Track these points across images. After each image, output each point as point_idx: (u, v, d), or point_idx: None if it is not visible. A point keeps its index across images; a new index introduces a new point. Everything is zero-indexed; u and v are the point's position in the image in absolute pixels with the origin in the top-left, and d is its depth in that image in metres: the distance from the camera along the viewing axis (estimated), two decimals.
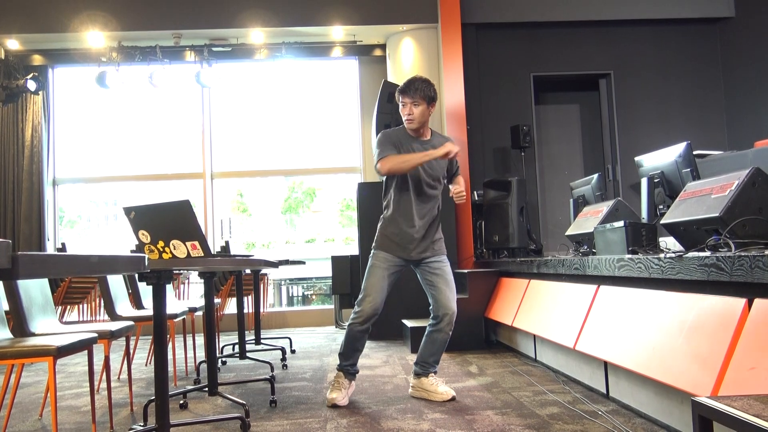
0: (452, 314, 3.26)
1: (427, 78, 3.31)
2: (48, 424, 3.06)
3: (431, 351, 3.31)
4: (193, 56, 7.04)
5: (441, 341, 3.30)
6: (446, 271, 3.33)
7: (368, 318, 3.22)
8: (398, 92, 3.28)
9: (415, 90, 3.21)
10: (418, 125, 3.26)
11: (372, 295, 3.23)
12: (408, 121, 3.25)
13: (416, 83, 3.23)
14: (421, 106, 3.22)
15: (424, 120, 3.26)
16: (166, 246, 2.39)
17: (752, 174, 2.38)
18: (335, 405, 3.16)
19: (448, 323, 3.26)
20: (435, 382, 3.27)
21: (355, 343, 3.29)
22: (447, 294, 3.27)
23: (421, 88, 3.22)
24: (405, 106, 3.24)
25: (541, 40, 7.07)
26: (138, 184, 7.60)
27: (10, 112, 6.91)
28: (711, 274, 2.18)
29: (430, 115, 3.29)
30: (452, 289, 3.30)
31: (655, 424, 2.61)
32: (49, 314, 3.07)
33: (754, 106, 6.65)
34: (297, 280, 8.70)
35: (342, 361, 3.32)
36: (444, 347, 3.33)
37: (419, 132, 3.30)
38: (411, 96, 3.21)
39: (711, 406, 1.32)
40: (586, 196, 4.47)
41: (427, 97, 3.22)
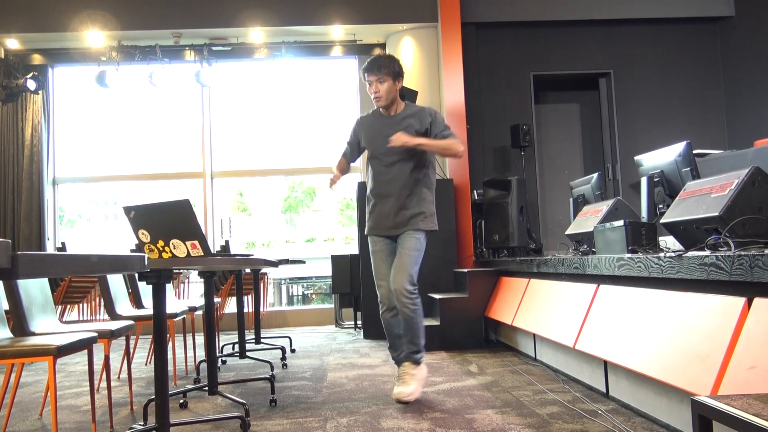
0: (396, 291, 3.15)
1: (391, 55, 3.38)
2: (48, 424, 3.06)
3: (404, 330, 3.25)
4: (192, 56, 7.03)
5: (404, 320, 3.19)
6: (407, 246, 3.21)
7: (389, 303, 3.24)
8: (363, 71, 3.29)
9: (379, 66, 3.22)
10: (386, 102, 3.27)
11: (381, 283, 3.29)
12: (376, 99, 3.27)
13: (379, 60, 3.26)
14: (387, 83, 3.22)
15: (392, 96, 3.27)
16: (166, 245, 2.39)
17: (752, 173, 2.38)
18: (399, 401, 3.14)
19: (397, 299, 3.15)
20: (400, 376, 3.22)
21: (392, 329, 3.30)
22: (394, 270, 3.20)
23: (385, 64, 3.23)
24: (371, 85, 3.25)
25: (541, 39, 7.07)
26: (138, 184, 7.60)
27: (10, 111, 6.91)
28: (711, 273, 2.18)
29: (397, 90, 3.29)
30: (402, 265, 3.17)
31: (655, 423, 2.62)
32: (49, 314, 3.07)
33: (753, 105, 6.65)
34: (297, 279, 8.71)
35: (392, 353, 3.36)
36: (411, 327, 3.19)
37: (390, 108, 3.32)
38: (376, 74, 3.22)
39: (711, 405, 1.32)
40: (586, 195, 4.47)
41: (393, 73, 3.23)
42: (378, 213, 3.31)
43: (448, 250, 5.74)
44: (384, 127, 3.30)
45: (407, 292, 3.15)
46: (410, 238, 3.24)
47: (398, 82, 3.26)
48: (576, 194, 4.63)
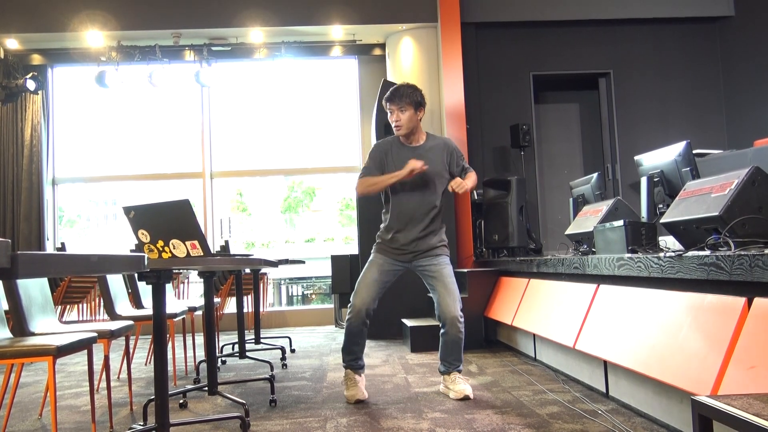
0: (453, 318, 3.23)
1: (414, 84, 3.34)
2: (48, 424, 3.06)
3: (446, 352, 3.32)
4: (192, 56, 7.03)
5: (452, 343, 3.28)
6: (444, 273, 3.29)
7: (358, 313, 3.24)
8: (384, 100, 3.29)
9: (401, 96, 3.22)
10: (407, 131, 3.27)
11: (361, 291, 3.28)
12: (396, 128, 3.27)
13: (401, 89, 3.26)
14: (408, 112, 3.22)
15: (412, 125, 3.26)
16: (166, 245, 2.39)
17: (752, 173, 2.38)
18: (359, 400, 3.19)
19: (452, 326, 3.24)
20: (454, 379, 3.29)
21: (353, 338, 3.31)
22: (446, 299, 3.24)
23: (407, 93, 3.23)
24: (392, 114, 3.25)
25: (541, 39, 7.07)
26: (137, 184, 7.60)
27: (10, 111, 6.91)
28: (711, 273, 2.17)
29: (419, 120, 3.29)
30: (451, 293, 3.26)
31: (655, 423, 2.62)
32: (48, 314, 3.07)
33: (753, 105, 6.65)
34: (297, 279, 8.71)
35: (344, 356, 3.35)
36: (458, 347, 3.30)
37: (410, 138, 3.32)
38: (397, 103, 3.22)
39: (711, 405, 1.32)
40: (586, 195, 4.47)
41: (414, 102, 3.23)
42: (399, 239, 3.30)
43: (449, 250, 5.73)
44: (410, 157, 3.25)
45: (460, 318, 3.24)
46: (446, 266, 3.31)
47: (420, 111, 3.26)
48: (576, 194, 4.63)
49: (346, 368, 3.35)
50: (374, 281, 3.29)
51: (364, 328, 3.30)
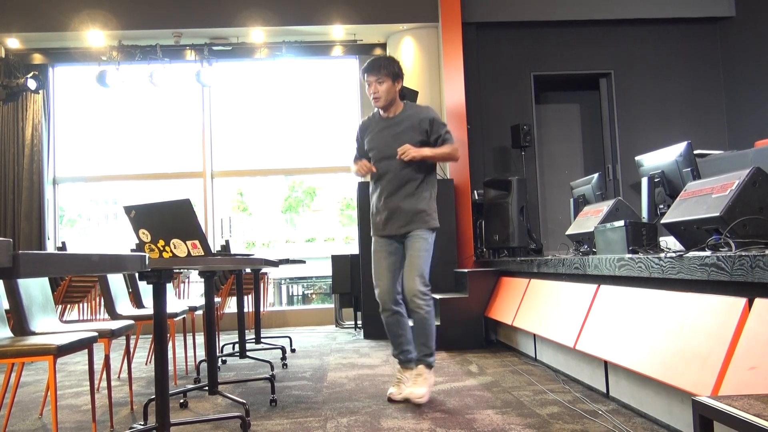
0: (409, 291, 3.14)
1: (391, 56, 3.34)
2: (48, 423, 3.06)
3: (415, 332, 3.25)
4: (193, 55, 7.04)
5: (416, 321, 3.19)
6: (413, 246, 3.20)
7: (385, 304, 3.23)
8: (362, 71, 3.29)
9: (378, 68, 3.22)
10: (385, 102, 3.26)
11: (379, 283, 3.27)
12: (375, 99, 3.26)
13: (379, 60, 3.27)
14: (386, 83, 3.22)
15: (390, 97, 3.26)
16: (167, 245, 2.39)
17: (753, 173, 2.38)
18: (390, 400, 3.18)
19: (410, 301, 3.16)
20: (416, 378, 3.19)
21: (393, 329, 3.27)
22: (405, 273, 3.20)
23: (385, 64, 3.23)
24: (370, 86, 3.25)
25: (542, 39, 7.07)
26: (138, 183, 7.60)
27: (11, 110, 6.91)
28: (711, 273, 2.17)
29: (397, 91, 3.28)
30: (413, 266, 3.16)
31: (656, 424, 2.61)
32: (49, 313, 3.07)
33: (754, 105, 6.65)
34: (297, 279, 8.71)
35: (392, 351, 3.35)
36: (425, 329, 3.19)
37: (389, 110, 3.32)
38: (375, 74, 3.22)
39: (712, 406, 1.32)
40: (587, 195, 4.47)
41: (392, 74, 3.22)
42: (380, 214, 3.30)
43: (449, 250, 5.74)
44: (384, 128, 3.30)
45: (420, 294, 3.14)
46: (418, 239, 3.21)
47: (398, 83, 3.26)
48: (576, 194, 4.63)
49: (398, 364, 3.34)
50: (384, 267, 3.27)
51: (399, 317, 3.25)
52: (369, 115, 3.47)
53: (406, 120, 3.29)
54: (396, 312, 3.25)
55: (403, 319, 3.28)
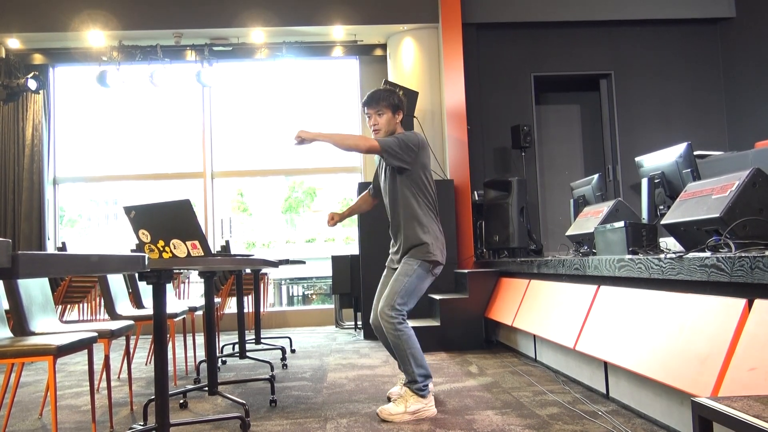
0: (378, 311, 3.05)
1: (391, 87, 3.32)
2: (48, 424, 3.06)
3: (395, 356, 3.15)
4: (193, 55, 7.04)
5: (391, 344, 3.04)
6: (398, 271, 3.11)
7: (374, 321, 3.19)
8: (362, 104, 3.26)
9: (378, 100, 3.19)
10: (385, 134, 3.20)
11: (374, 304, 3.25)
12: (375, 131, 3.22)
13: (378, 93, 3.23)
14: (386, 115, 3.18)
15: (391, 129, 3.21)
16: (167, 245, 2.39)
17: (753, 174, 2.38)
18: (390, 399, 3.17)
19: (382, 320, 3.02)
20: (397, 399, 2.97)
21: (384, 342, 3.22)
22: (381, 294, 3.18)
23: (384, 97, 3.20)
24: (370, 118, 3.22)
25: (542, 40, 7.07)
26: (138, 184, 7.60)
27: (11, 111, 6.91)
28: (711, 274, 2.17)
29: (398, 123, 3.23)
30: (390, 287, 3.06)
31: (655, 425, 2.61)
32: (49, 313, 3.07)
33: (754, 106, 6.65)
34: (297, 279, 8.71)
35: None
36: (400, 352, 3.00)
37: None
38: (374, 107, 3.19)
39: (711, 407, 1.32)
40: (587, 196, 4.47)
41: (392, 105, 3.19)
42: (391, 244, 3.33)
43: (448, 251, 5.69)
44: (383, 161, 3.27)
45: (387, 316, 3.00)
46: (403, 265, 3.13)
47: (398, 114, 3.22)
48: (576, 195, 4.63)
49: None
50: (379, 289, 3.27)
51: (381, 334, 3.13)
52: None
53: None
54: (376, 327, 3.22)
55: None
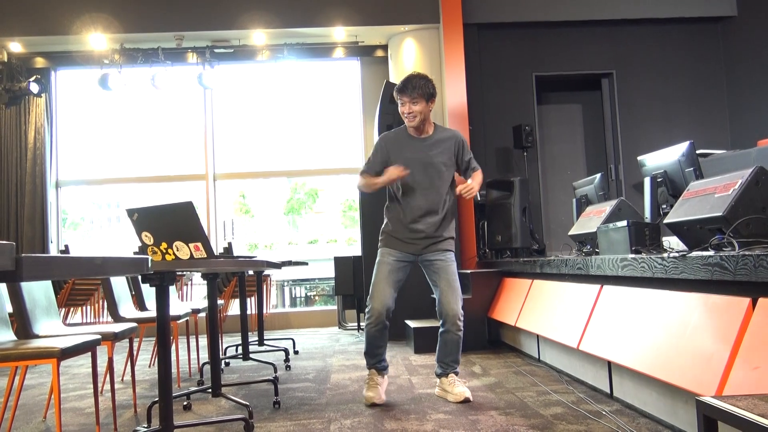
0: (454, 316, 3.21)
1: (425, 74, 3.29)
2: (52, 426, 3.06)
3: (445, 352, 3.30)
4: (195, 58, 7.05)
5: (452, 342, 3.27)
6: (449, 270, 3.28)
7: (378, 317, 3.20)
8: (396, 91, 3.26)
9: (413, 88, 3.19)
10: (419, 123, 3.24)
11: (377, 293, 3.23)
12: (408, 119, 3.24)
13: (414, 80, 3.22)
14: (420, 104, 3.20)
15: (424, 117, 3.25)
16: (169, 247, 2.39)
17: (756, 173, 2.37)
18: (374, 404, 3.15)
19: (452, 324, 3.23)
20: (452, 382, 3.25)
21: (375, 342, 3.27)
22: (448, 296, 3.23)
23: (420, 85, 3.20)
24: (404, 105, 3.22)
25: (543, 39, 7.06)
26: (141, 186, 7.61)
27: (13, 114, 6.93)
28: (715, 273, 2.17)
29: (430, 111, 3.28)
30: (455, 290, 3.25)
31: (660, 424, 2.61)
32: (52, 316, 3.07)
33: (757, 105, 6.64)
34: (300, 281, 8.71)
35: (367, 360, 3.33)
36: (458, 347, 3.29)
37: (420, 129, 3.30)
38: (409, 94, 3.19)
39: (716, 406, 1.32)
40: (589, 195, 4.46)
41: (426, 94, 3.20)
42: (404, 232, 3.29)
43: None
44: (417, 149, 3.28)
45: (461, 316, 3.24)
46: (451, 263, 3.31)
47: (431, 103, 3.24)
48: (579, 195, 4.62)
49: (370, 369, 3.32)
50: (388, 280, 3.25)
51: (384, 331, 3.26)
52: (394, 130, 3.45)
53: (439, 143, 3.30)
54: (384, 326, 3.24)
55: (386, 332, 3.27)
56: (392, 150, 3.31)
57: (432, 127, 3.34)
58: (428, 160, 3.25)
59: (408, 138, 3.32)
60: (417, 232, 3.26)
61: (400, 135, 3.36)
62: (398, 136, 3.36)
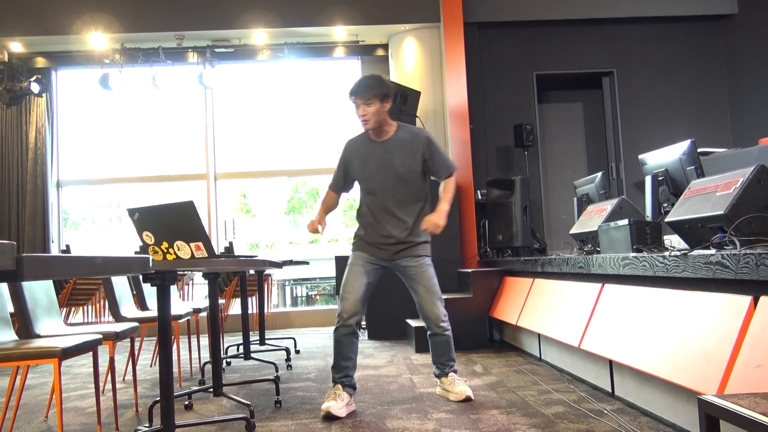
0: (436, 319, 3.15)
1: (378, 74, 3.20)
2: (53, 426, 3.06)
3: (438, 353, 3.27)
4: (195, 57, 7.05)
5: (441, 343, 3.23)
6: (425, 275, 3.17)
7: (347, 319, 3.07)
8: (349, 93, 3.11)
9: (365, 88, 3.07)
10: (374, 125, 3.10)
11: (348, 297, 3.11)
12: (363, 122, 3.11)
13: (366, 81, 3.11)
14: (375, 105, 3.05)
15: (380, 119, 3.10)
16: (170, 247, 2.39)
17: (757, 171, 2.37)
18: (330, 414, 2.90)
19: (437, 327, 3.17)
20: (453, 381, 3.22)
21: (343, 350, 3.09)
22: (428, 300, 3.15)
23: (373, 85, 3.08)
24: (358, 108, 3.09)
25: (544, 38, 7.06)
26: (141, 186, 7.62)
27: (14, 114, 6.93)
28: (716, 271, 2.17)
29: (387, 111, 3.12)
30: (433, 293, 3.16)
31: (661, 423, 2.61)
32: (53, 316, 3.07)
33: (758, 103, 6.63)
34: (301, 280, 8.72)
35: (333, 374, 3.13)
36: (449, 347, 3.25)
37: (379, 132, 3.16)
38: (362, 96, 3.06)
39: (718, 404, 1.32)
40: (590, 194, 4.46)
41: (381, 94, 3.06)
42: (377, 238, 3.19)
43: (452, 250, 5.74)
44: (377, 153, 3.15)
45: (444, 318, 3.20)
46: (428, 267, 3.21)
47: (386, 103, 3.09)
48: (580, 193, 4.62)
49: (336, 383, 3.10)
50: (359, 284, 3.13)
51: (354, 339, 3.11)
52: (357, 135, 3.31)
53: (400, 145, 3.15)
54: (354, 332, 3.11)
55: (356, 341, 3.13)
56: (354, 156, 3.22)
57: (393, 127, 3.19)
58: (389, 164, 3.12)
59: (368, 142, 3.20)
60: (388, 237, 3.16)
61: (362, 139, 3.24)
62: (359, 142, 3.25)
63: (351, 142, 3.32)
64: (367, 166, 3.18)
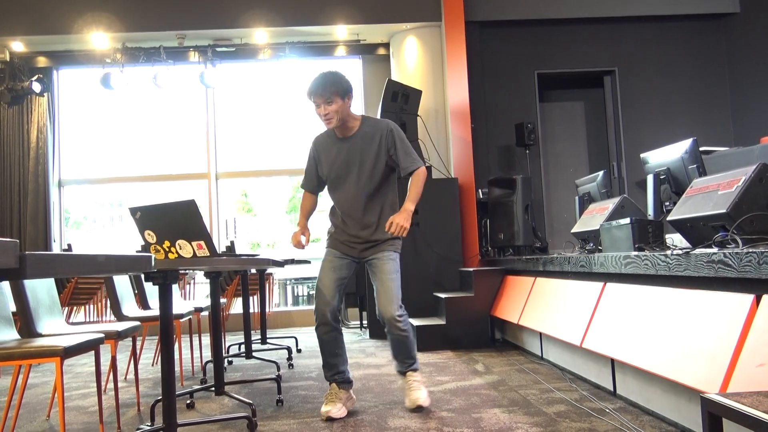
0: (389, 318, 2.99)
1: (336, 71, 3.09)
2: (56, 425, 3.07)
3: (396, 351, 3.13)
4: (196, 57, 7.05)
5: (398, 341, 3.05)
6: (384, 269, 3.05)
7: (322, 316, 3.04)
8: (308, 93, 3.01)
9: (325, 86, 2.96)
10: (338, 122, 3.03)
11: (320, 293, 3.09)
12: (326, 122, 3.03)
13: (324, 78, 2.99)
14: (336, 102, 2.97)
15: (343, 116, 3.02)
16: (172, 246, 2.39)
17: (759, 170, 2.37)
18: (330, 418, 2.90)
19: (391, 326, 3.01)
20: (410, 384, 3.06)
21: (327, 347, 3.07)
22: (381, 297, 3.03)
23: (333, 82, 2.98)
24: (318, 107, 3.01)
25: (545, 37, 7.05)
26: (143, 185, 7.62)
27: (16, 113, 6.94)
28: (718, 270, 2.16)
29: (349, 107, 3.04)
30: (388, 290, 3.01)
31: (663, 422, 2.60)
32: (55, 315, 3.08)
33: (759, 101, 6.62)
34: (302, 279, 8.71)
35: (325, 373, 3.12)
36: (404, 345, 3.06)
37: (344, 128, 3.08)
38: (322, 94, 2.97)
39: (720, 403, 1.32)
40: (592, 193, 4.45)
41: (341, 91, 2.98)
42: (345, 235, 3.15)
43: (454, 249, 5.73)
44: (342, 150, 3.09)
45: (398, 317, 2.98)
46: (387, 261, 3.06)
47: (348, 99, 3.01)
48: (581, 192, 4.62)
49: (330, 383, 3.09)
50: (330, 279, 3.10)
51: (337, 335, 3.06)
52: (323, 133, 3.25)
53: (366, 139, 3.07)
54: (335, 329, 3.05)
55: (340, 337, 3.10)
56: (322, 155, 3.18)
57: (358, 122, 3.12)
58: (354, 160, 3.06)
59: (334, 140, 3.13)
60: (355, 237, 3.12)
61: (328, 137, 3.19)
62: (326, 139, 3.20)
63: (319, 139, 3.25)
64: (333, 167, 3.13)
